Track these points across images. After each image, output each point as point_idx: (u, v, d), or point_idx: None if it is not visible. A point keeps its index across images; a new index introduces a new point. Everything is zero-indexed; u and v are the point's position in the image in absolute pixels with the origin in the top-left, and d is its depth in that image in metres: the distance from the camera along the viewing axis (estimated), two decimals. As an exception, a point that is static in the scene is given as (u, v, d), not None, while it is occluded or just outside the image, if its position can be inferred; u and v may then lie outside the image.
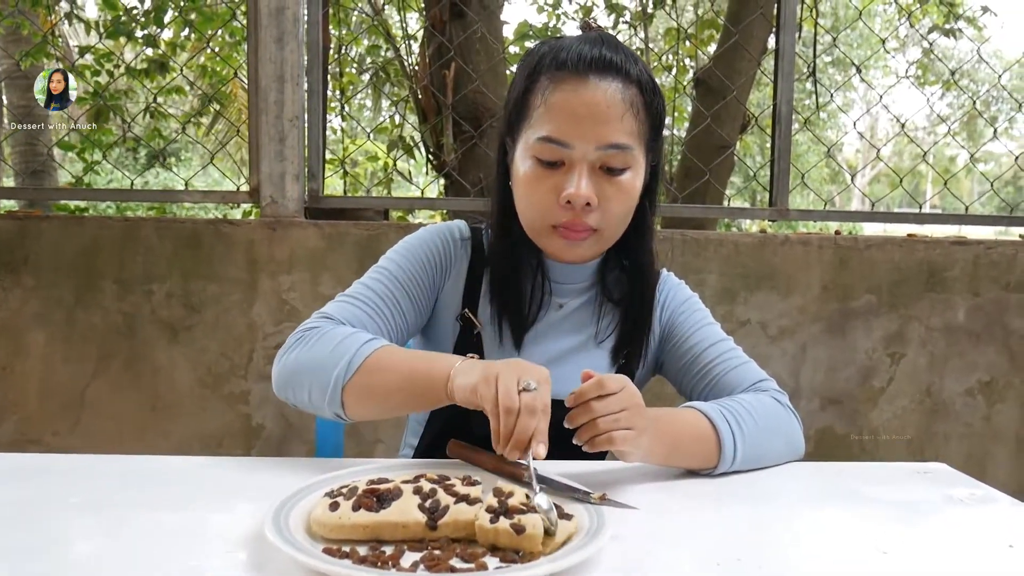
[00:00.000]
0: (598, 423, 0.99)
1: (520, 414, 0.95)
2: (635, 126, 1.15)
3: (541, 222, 1.19)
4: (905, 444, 2.46)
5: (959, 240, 2.44)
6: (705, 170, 2.64)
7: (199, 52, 4.90)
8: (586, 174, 1.14)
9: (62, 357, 2.28)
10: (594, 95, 1.13)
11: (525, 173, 1.18)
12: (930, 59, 7.65)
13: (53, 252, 2.25)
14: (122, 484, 1.04)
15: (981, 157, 19.29)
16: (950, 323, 2.44)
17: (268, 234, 2.27)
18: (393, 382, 1.11)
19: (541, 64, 1.18)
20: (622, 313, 1.32)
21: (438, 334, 1.33)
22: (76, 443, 2.29)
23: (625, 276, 1.31)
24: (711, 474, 1.13)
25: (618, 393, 1.01)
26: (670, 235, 2.36)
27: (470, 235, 1.33)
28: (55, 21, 4.84)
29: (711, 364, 1.29)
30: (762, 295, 2.38)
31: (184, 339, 2.27)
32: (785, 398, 1.28)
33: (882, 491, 1.12)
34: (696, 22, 4.46)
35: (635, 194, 1.20)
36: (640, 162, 1.19)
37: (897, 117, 2.83)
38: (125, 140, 3.82)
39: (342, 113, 4.68)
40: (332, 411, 1.13)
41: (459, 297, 1.31)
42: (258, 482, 1.06)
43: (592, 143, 1.14)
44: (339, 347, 1.13)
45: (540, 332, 1.30)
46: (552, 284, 1.30)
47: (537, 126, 1.16)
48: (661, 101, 1.21)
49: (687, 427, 1.12)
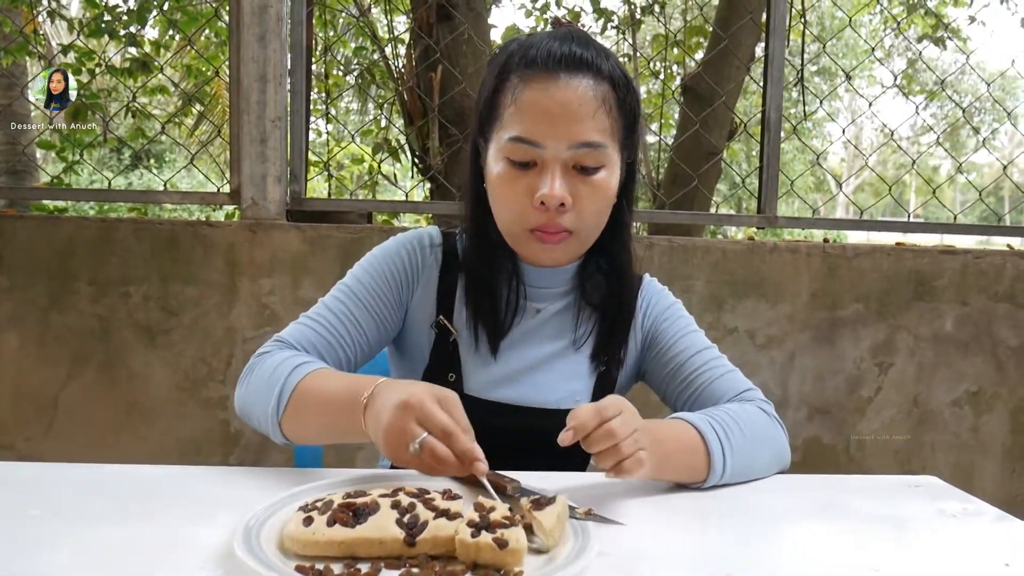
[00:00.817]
0: (621, 447, 0.95)
1: (436, 465, 0.94)
2: (608, 123, 1.13)
3: (517, 225, 1.17)
4: (892, 454, 2.44)
5: (947, 249, 2.43)
6: (693, 176, 2.62)
7: (180, 51, 4.85)
8: (559, 174, 1.12)
9: (36, 360, 2.23)
10: (565, 93, 1.11)
11: (498, 175, 1.16)
12: (915, 69, 7.69)
13: (27, 252, 2.20)
14: (88, 495, 1.00)
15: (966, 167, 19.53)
16: (938, 333, 2.43)
17: (249, 236, 2.23)
18: (317, 417, 1.09)
19: (511, 62, 1.16)
20: (600, 317, 1.29)
21: (412, 344, 1.30)
22: (49, 448, 2.24)
23: (604, 279, 1.29)
24: (700, 487, 1.10)
25: (624, 414, 0.97)
26: (657, 241, 2.33)
27: (441, 241, 1.30)
28: (36, 19, 4.77)
29: (696, 373, 1.27)
30: (750, 303, 2.36)
31: (161, 343, 2.22)
32: (771, 408, 1.25)
33: (873, 505, 1.09)
34: (684, 28, 4.45)
35: (610, 193, 1.18)
36: (615, 160, 1.16)
37: (884, 125, 2.81)
38: (106, 140, 3.75)
39: (327, 115, 4.63)
40: (281, 442, 1.13)
41: (432, 305, 1.28)
42: (233, 493, 1.02)
43: (564, 142, 1.11)
44: (272, 378, 1.12)
45: (517, 338, 1.27)
46: (529, 289, 1.27)
47: (508, 126, 1.14)
48: (635, 97, 1.18)
49: (677, 440, 1.09)
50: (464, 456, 0.93)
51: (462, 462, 0.94)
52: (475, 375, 1.25)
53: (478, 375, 1.25)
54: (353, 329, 1.23)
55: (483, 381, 1.25)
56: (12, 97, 5.13)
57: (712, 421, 1.13)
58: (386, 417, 0.96)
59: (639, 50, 5.30)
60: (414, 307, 1.29)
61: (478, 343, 1.25)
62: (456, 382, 1.25)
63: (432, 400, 0.95)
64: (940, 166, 21.54)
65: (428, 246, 1.29)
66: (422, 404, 0.94)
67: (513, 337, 1.27)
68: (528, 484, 1.02)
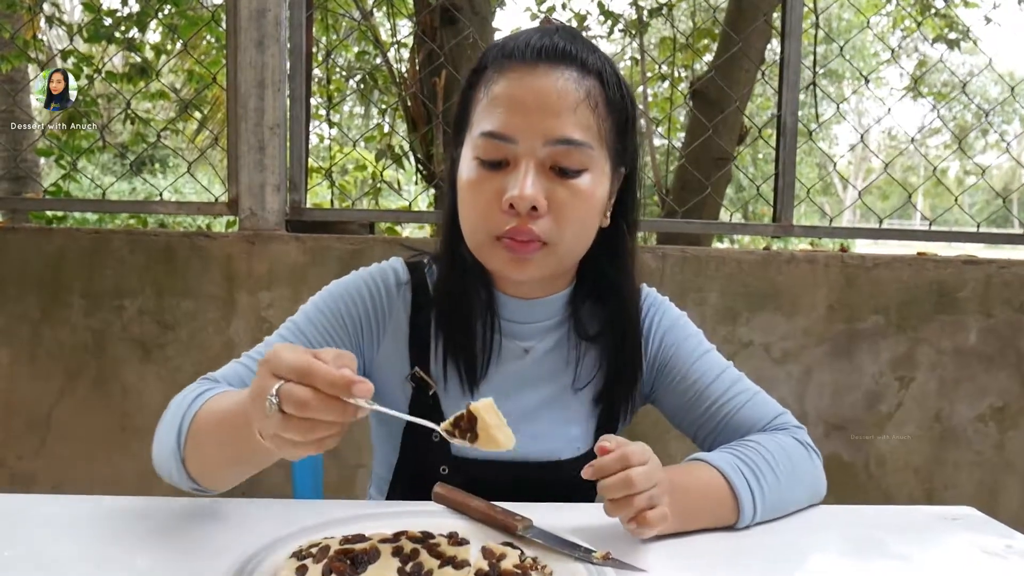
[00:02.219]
0: (634, 501, 0.86)
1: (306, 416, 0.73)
2: (593, 121, 1.00)
3: (484, 232, 1.02)
4: (913, 472, 2.36)
5: (971, 259, 2.34)
6: (706, 184, 2.54)
7: (177, 55, 4.79)
8: (532, 173, 0.97)
9: (27, 375, 2.16)
10: (543, 83, 0.98)
11: (468, 176, 1.02)
12: (923, 71, 7.60)
13: (18, 265, 2.13)
14: (65, 531, 0.93)
15: (972, 170, 19.36)
16: (961, 346, 2.34)
17: (247, 248, 2.15)
18: (215, 441, 0.92)
19: (487, 56, 1.05)
20: (599, 353, 1.14)
21: (385, 400, 1.12)
22: (41, 466, 2.17)
23: (600, 307, 1.14)
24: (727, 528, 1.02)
25: (647, 465, 0.88)
26: (669, 252, 2.25)
27: (408, 277, 1.14)
28: (36, 24, 4.72)
29: (717, 404, 1.14)
30: (765, 316, 2.27)
31: (157, 358, 2.15)
32: (805, 435, 1.15)
33: (909, 542, 1.01)
34: (692, 32, 4.37)
35: (594, 202, 1.02)
36: (601, 165, 1.02)
37: (889, 130, 2.73)
38: (106, 146, 3.69)
39: (329, 121, 4.57)
40: (188, 486, 0.96)
41: (404, 355, 1.13)
42: (222, 531, 0.95)
43: (540, 137, 0.98)
44: (173, 416, 0.97)
45: (506, 384, 1.13)
46: (513, 325, 1.12)
47: (480, 121, 1.01)
48: (628, 98, 1.05)
49: (702, 490, 1.00)
50: (335, 387, 0.73)
51: (335, 399, 0.73)
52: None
53: None
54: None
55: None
56: (13, 104, 5.08)
57: (740, 463, 1.03)
58: (248, 395, 0.80)
59: (646, 53, 5.22)
60: (381, 361, 1.14)
61: (462, 391, 1.11)
62: (441, 441, 1.09)
63: (286, 348, 0.76)
64: (948, 168, 21.42)
65: (394, 285, 1.14)
66: (275, 351, 0.76)
67: (501, 382, 1.12)
68: (541, 523, 0.94)
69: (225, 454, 0.92)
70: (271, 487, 2.22)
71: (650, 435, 0.92)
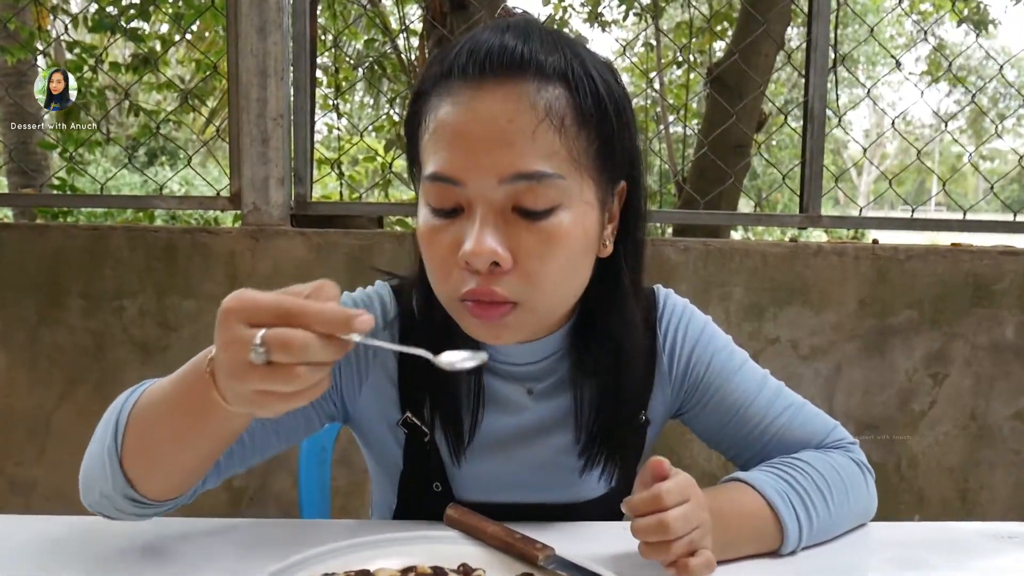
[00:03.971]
0: (672, 547, 0.76)
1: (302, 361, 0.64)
2: (560, 143, 0.79)
3: (446, 293, 0.85)
4: (948, 473, 2.26)
5: (1008, 250, 2.23)
6: (729, 172, 2.44)
7: (180, 44, 4.71)
8: (491, 222, 0.79)
9: (26, 380, 2.08)
10: (490, 107, 0.78)
11: (421, 227, 0.85)
12: (950, 58, 7.45)
13: (14, 265, 2.06)
14: (54, 554, 0.87)
15: (988, 155, 19.13)
16: (998, 341, 2.24)
17: (250, 244, 2.07)
18: (163, 425, 0.78)
19: (427, 76, 0.86)
20: (587, 401, 0.98)
21: (377, 445, 1.02)
22: (41, 473, 2.10)
23: (600, 350, 0.96)
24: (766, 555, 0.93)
25: (687, 504, 0.78)
26: (691, 244, 2.15)
27: (397, 312, 0.98)
28: (44, 16, 4.65)
29: (761, 426, 1.01)
30: (793, 311, 2.17)
31: (158, 360, 2.07)
32: (859, 451, 1.03)
33: (964, 564, 0.93)
34: (710, 16, 4.26)
35: (575, 244, 0.83)
36: (583, 195, 0.82)
37: (905, 112, 2.62)
38: (110, 139, 3.62)
39: (337, 110, 4.48)
40: (124, 496, 0.81)
41: (394, 397, 0.98)
42: (222, 556, 0.88)
43: (492, 175, 0.78)
44: (107, 417, 0.84)
45: (509, 432, 0.99)
46: (511, 368, 0.97)
47: (426, 161, 0.83)
48: (614, 100, 0.84)
49: (745, 519, 0.90)
50: (331, 325, 0.64)
51: (331, 337, 0.64)
52: (465, 482, 0.99)
53: (468, 482, 0.99)
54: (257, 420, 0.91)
55: (476, 487, 0.99)
56: (22, 96, 5.02)
57: (788, 487, 0.93)
58: (216, 350, 0.69)
59: (662, 37, 5.11)
60: (365, 405, 0.99)
61: (459, 444, 0.98)
62: (443, 491, 0.98)
63: (251, 291, 0.67)
64: (963, 153, 21.14)
65: (381, 323, 0.98)
66: (241, 298, 0.66)
67: (505, 430, 0.98)
68: (563, 552, 0.85)
69: (177, 438, 0.78)
70: (278, 492, 2.14)
71: (670, 437, 0.82)
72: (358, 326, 0.64)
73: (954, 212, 4.88)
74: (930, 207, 12.99)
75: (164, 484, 0.83)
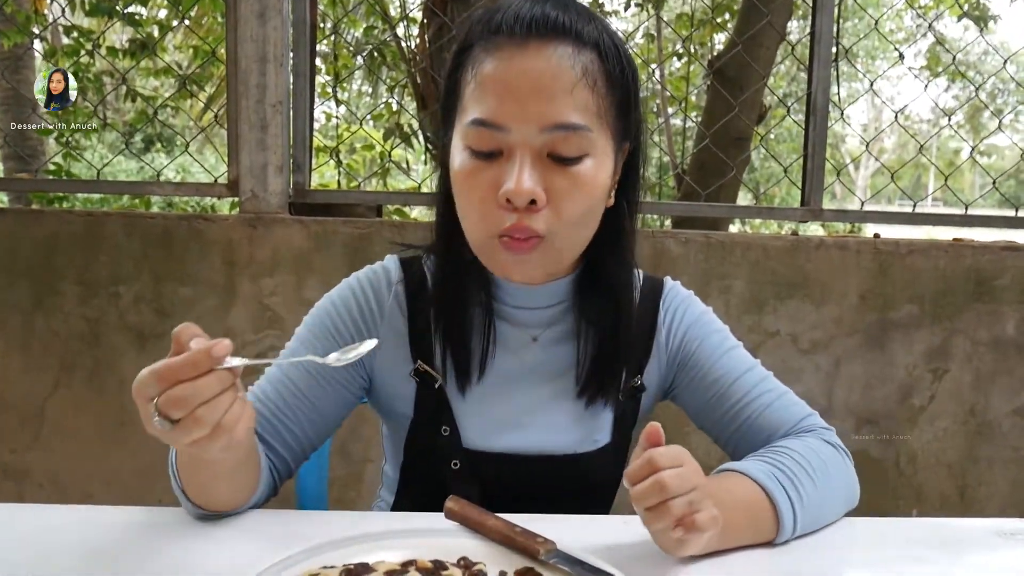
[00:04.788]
0: (672, 506, 0.77)
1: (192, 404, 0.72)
2: (592, 101, 0.91)
3: (482, 231, 0.95)
4: (947, 468, 2.25)
5: (1010, 245, 2.22)
6: (731, 165, 2.42)
7: (178, 29, 4.68)
8: (529, 164, 0.90)
9: (20, 367, 2.07)
10: (535, 63, 0.89)
11: (459, 169, 0.94)
12: (940, 49, 7.44)
13: (8, 251, 2.04)
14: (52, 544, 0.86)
15: (985, 150, 19.13)
16: (999, 337, 2.23)
17: (248, 232, 2.05)
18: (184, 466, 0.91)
19: (473, 32, 0.95)
20: (590, 345, 1.06)
21: (391, 400, 1.09)
22: (35, 460, 2.08)
23: (599, 299, 1.06)
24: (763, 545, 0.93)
25: (684, 467, 0.79)
26: (692, 237, 2.14)
27: (402, 275, 1.08)
28: (42, 0, 4.61)
29: (741, 404, 1.06)
30: (793, 304, 2.16)
31: (154, 348, 2.06)
32: (834, 436, 1.07)
33: (963, 561, 0.92)
34: (712, 7, 4.24)
35: (597, 190, 0.94)
36: (604, 148, 0.94)
37: (904, 106, 2.61)
38: (106, 124, 3.59)
39: (336, 98, 4.45)
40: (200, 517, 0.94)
41: (406, 352, 1.06)
42: (219, 548, 0.87)
43: (535, 124, 0.89)
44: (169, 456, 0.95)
45: (517, 373, 1.06)
46: (518, 312, 1.06)
47: (469, 108, 0.93)
48: (631, 70, 0.96)
49: (739, 502, 0.90)
50: (198, 367, 0.71)
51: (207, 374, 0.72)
52: (471, 423, 1.05)
53: (474, 423, 1.05)
54: (296, 403, 1.03)
55: (482, 429, 1.05)
56: (18, 81, 4.98)
57: (776, 471, 0.95)
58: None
59: (663, 28, 5.08)
60: (380, 364, 1.07)
61: (468, 384, 1.06)
62: (451, 435, 1.05)
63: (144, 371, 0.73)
64: (961, 149, 21.15)
65: (385, 287, 1.07)
66: (137, 381, 0.73)
67: (511, 372, 1.06)
68: (565, 544, 0.84)
69: (205, 477, 0.90)
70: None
71: (670, 428, 0.81)
72: (219, 353, 0.71)
73: (951, 207, 4.88)
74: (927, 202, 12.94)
75: (226, 501, 0.93)
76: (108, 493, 2.06)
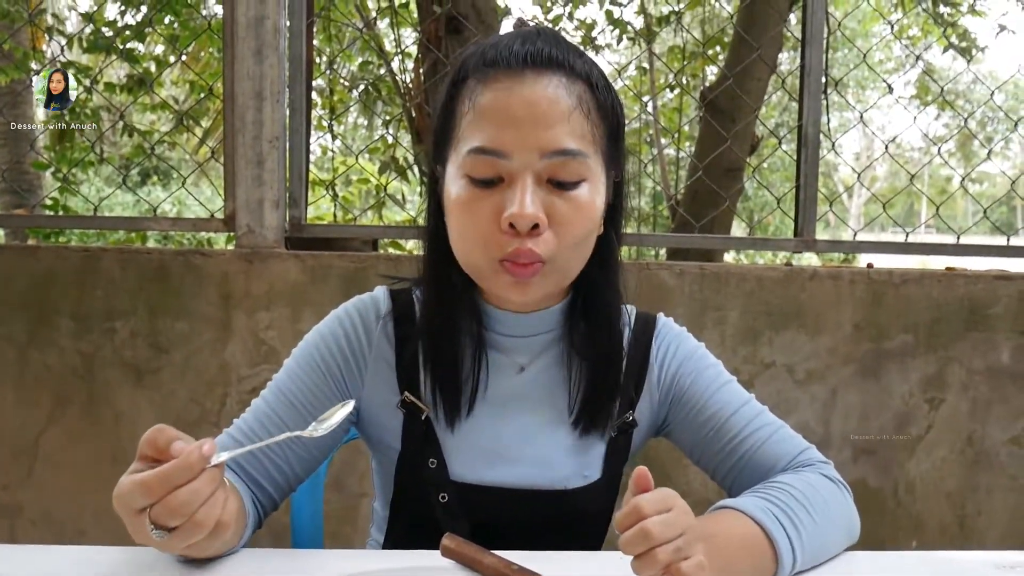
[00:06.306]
0: (657, 554, 0.75)
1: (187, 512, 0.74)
2: (587, 128, 0.94)
3: (483, 257, 0.95)
4: (945, 497, 2.25)
5: (1002, 275, 2.24)
6: (724, 196, 2.44)
7: (176, 66, 4.71)
8: (531, 189, 0.91)
9: (13, 401, 2.06)
10: (533, 91, 0.92)
11: (457, 197, 0.95)
12: (927, 79, 7.52)
13: (4, 285, 2.04)
14: None
15: (976, 177, 19.26)
16: (993, 365, 2.23)
17: (244, 266, 2.05)
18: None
19: (466, 66, 0.97)
20: (584, 374, 1.06)
21: (378, 432, 1.09)
22: (28, 497, 2.06)
23: (588, 326, 1.06)
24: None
25: (671, 512, 0.77)
26: (687, 268, 2.15)
27: (391, 306, 1.07)
28: (40, 36, 4.65)
29: (738, 439, 1.05)
30: (788, 335, 2.17)
31: (150, 382, 2.05)
32: (832, 470, 1.06)
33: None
34: (704, 40, 4.29)
35: (594, 214, 0.96)
36: (597, 174, 0.96)
37: (896, 135, 2.64)
38: (103, 159, 3.61)
39: (332, 132, 4.48)
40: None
41: (392, 384, 1.06)
42: None
43: (535, 150, 0.91)
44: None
45: (502, 403, 1.05)
46: (506, 339, 1.05)
47: (467, 137, 0.94)
48: (617, 102, 0.99)
49: (737, 540, 0.90)
50: (190, 471, 0.73)
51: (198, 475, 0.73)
52: (458, 455, 1.04)
53: (462, 455, 1.04)
54: (284, 441, 1.01)
55: (470, 461, 1.04)
56: (16, 117, 5.00)
57: (774, 508, 0.94)
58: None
59: (655, 61, 5.14)
60: (368, 396, 1.07)
61: (456, 416, 1.05)
62: (438, 468, 1.03)
63: (122, 483, 0.76)
64: (952, 176, 21.30)
65: (373, 319, 1.07)
66: (117, 497, 0.77)
67: (496, 401, 1.05)
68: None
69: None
70: (270, 518, 2.11)
71: (666, 461, 0.81)
72: (210, 452, 0.74)
73: (943, 234, 4.90)
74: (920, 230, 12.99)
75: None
76: (102, 529, 2.03)
